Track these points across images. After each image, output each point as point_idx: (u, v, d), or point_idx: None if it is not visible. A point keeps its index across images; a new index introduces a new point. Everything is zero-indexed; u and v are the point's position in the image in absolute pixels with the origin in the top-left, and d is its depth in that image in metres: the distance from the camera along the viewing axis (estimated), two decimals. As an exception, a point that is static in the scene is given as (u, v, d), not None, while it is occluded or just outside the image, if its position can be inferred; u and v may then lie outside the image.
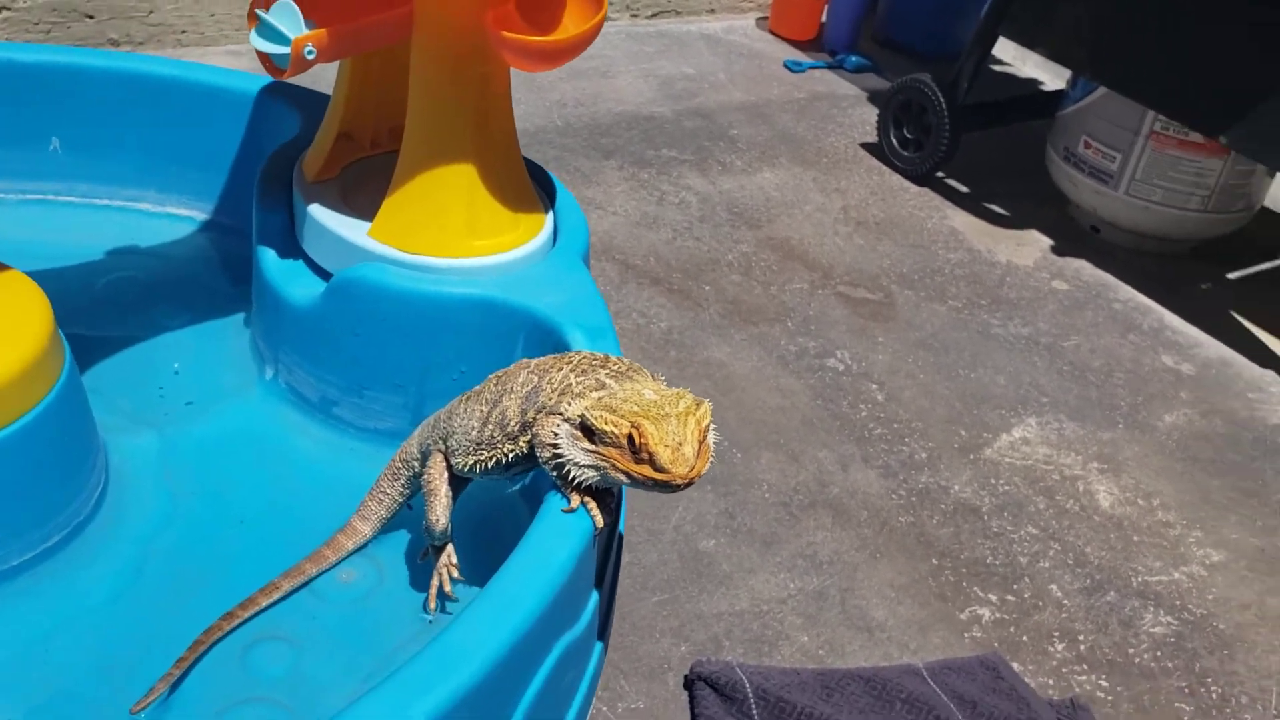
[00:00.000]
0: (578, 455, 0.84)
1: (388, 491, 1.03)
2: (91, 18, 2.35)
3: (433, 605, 0.97)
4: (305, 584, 1.00)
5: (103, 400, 1.07)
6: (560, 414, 0.85)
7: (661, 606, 1.37)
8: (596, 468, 0.83)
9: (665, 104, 2.63)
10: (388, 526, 1.05)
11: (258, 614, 0.96)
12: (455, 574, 0.97)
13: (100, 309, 1.24)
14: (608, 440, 0.82)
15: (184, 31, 2.46)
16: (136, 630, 0.94)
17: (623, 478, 0.82)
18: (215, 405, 1.16)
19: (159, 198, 1.38)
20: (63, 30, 2.34)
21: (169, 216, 1.38)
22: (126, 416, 1.11)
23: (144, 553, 1.00)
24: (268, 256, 1.15)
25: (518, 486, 1.10)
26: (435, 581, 0.97)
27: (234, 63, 2.45)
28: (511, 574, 0.78)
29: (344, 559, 1.02)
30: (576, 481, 0.85)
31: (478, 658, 0.72)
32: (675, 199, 2.26)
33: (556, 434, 0.85)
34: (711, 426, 0.84)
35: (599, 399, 0.84)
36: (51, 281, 1.01)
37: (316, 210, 1.13)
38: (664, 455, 0.79)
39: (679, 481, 0.80)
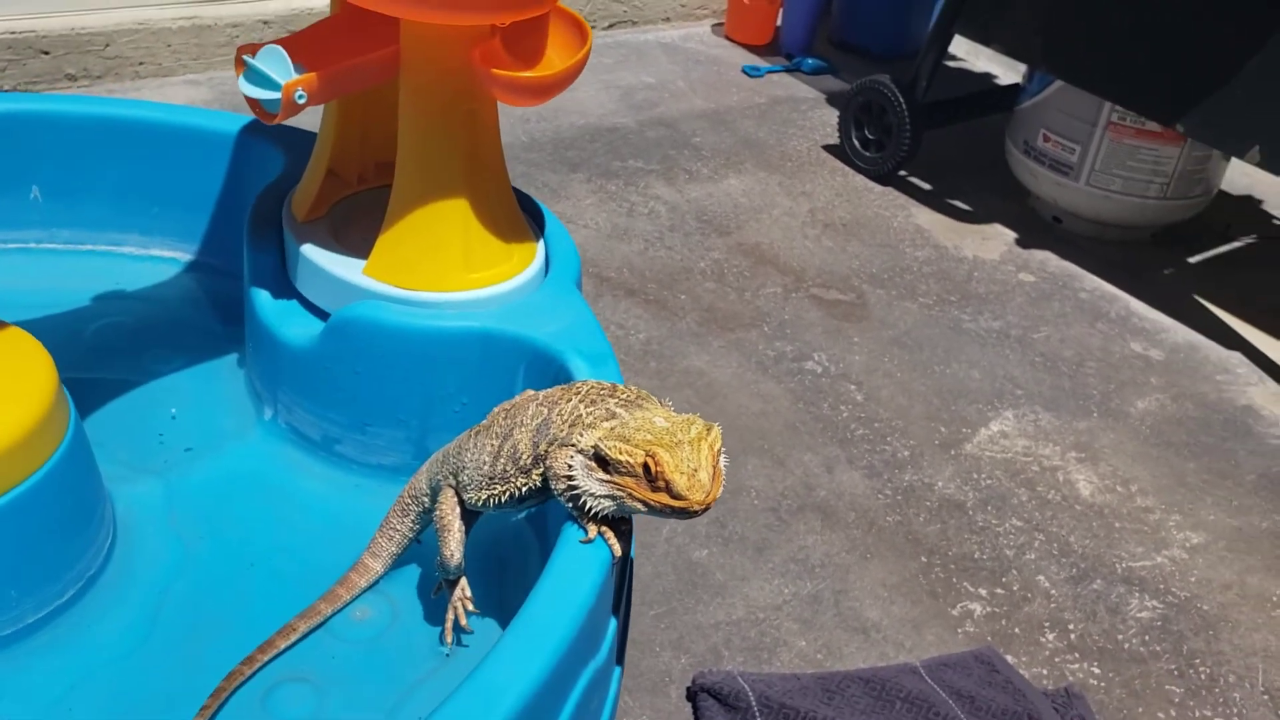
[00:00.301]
0: (593, 486, 0.84)
1: (398, 528, 1.03)
2: (48, 53, 2.33)
3: (449, 639, 0.97)
4: (321, 624, 1.00)
5: (102, 450, 1.06)
6: (573, 445, 0.86)
7: (659, 620, 1.39)
8: (613, 498, 0.84)
9: (628, 114, 2.64)
10: (398, 562, 1.06)
11: (276, 657, 0.97)
12: (470, 607, 0.98)
13: (91, 357, 1.23)
14: (623, 470, 0.83)
15: (141, 63, 2.44)
16: (157, 680, 0.94)
17: (640, 506, 0.83)
18: (216, 449, 1.16)
19: (142, 240, 1.37)
20: (19, 68, 2.31)
21: (153, 259, 1.37)
22: (127, 465, 1.11)
23: (157, 602, 1.00)
24: (261, 298, 1.15)
25: (523, 514, 1.11)
26: (450, 615, 0.98)
27: (192, 92, 2.44)
28: (538, 607, 0.79)
29: (357, 597, 1.03)
30: (593, 512, 0.85)
31: (514, 691, 0.73)
32: (644, 209, 2.27)
33: (571, 466, 0.85)
34: (722, 451, 0.86)
35: (611, 429, 0.85)
36: (39, 331, 1.00)
37: (310, 250, 1.13)
38: (680, 482, 0.81)
39: (696, 508, 0.81)
